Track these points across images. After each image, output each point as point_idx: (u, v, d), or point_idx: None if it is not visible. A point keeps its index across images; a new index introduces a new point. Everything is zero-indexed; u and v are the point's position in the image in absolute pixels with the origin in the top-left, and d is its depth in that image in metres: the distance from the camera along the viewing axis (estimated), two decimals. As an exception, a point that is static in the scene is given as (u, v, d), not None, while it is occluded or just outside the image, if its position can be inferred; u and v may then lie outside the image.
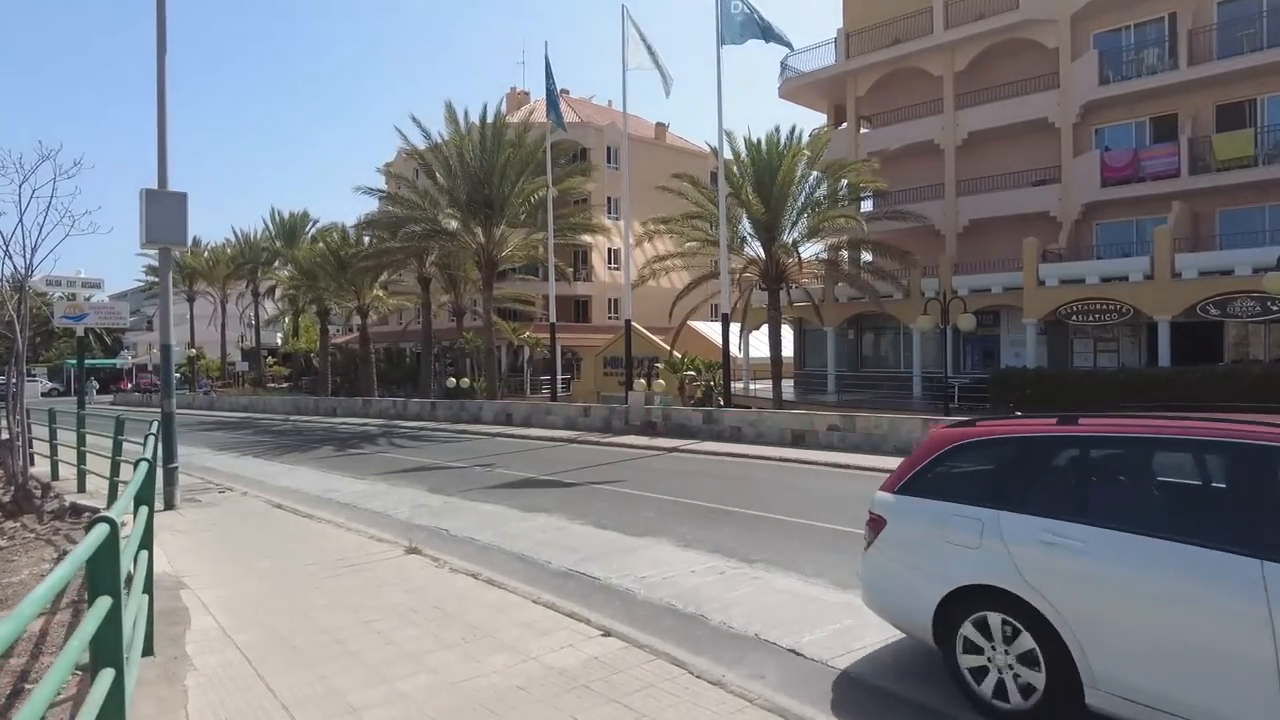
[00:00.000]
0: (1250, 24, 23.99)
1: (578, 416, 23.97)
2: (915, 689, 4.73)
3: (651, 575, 7.34)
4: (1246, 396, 17.27)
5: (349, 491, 13.27)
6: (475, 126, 30.40)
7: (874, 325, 31.81)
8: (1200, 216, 25.02)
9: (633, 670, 4.92)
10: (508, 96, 56.44)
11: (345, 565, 7.89)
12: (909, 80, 30.85)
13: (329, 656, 5.37)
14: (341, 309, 45.30)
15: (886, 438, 15.93)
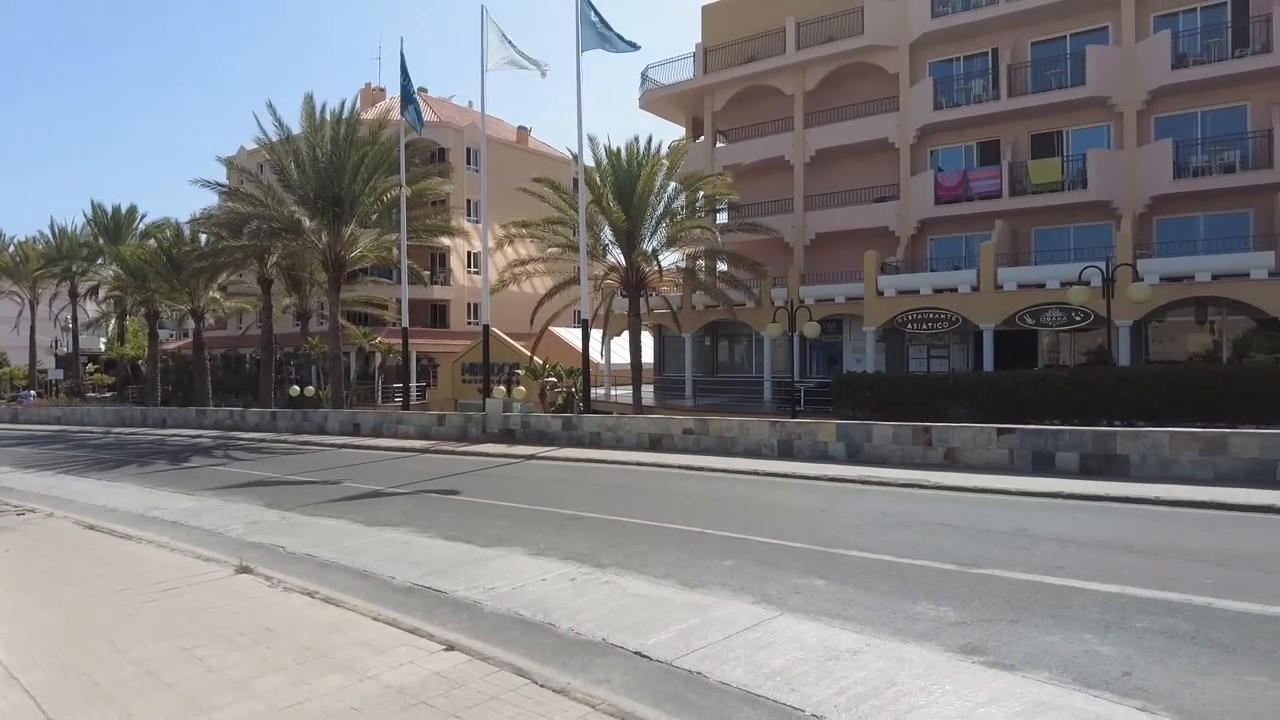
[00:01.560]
0: (1059, 63, 26.58)
1: (432, 425, 23.28)
2: (752, 683, 4.84)
3: (501, 586, 7.18)
4: (1054, 397, 19.04)
5: (176, 509, 12.25)
6: (327, 121, 29.04)
7: (729, 332, 32.83)
8: (1019, 234, 27.42)
9: (475, 684, 4.77)
10: (362, 92, 54.33)
11: (165, 589, 7.26)
12: (763, 97, 32.10)
13: (137, 691, 4.89)
14: (174, 312, 41.94)
15: (737, 440, 16.45)
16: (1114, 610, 6.06)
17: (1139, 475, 12.17)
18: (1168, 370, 20.33)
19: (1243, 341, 23.35)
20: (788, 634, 5.68)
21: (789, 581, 7.06)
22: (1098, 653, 5.21)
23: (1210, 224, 24.64)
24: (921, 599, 6.46)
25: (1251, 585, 6.64)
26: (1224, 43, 24.02)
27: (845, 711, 4.42)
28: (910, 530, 9.06)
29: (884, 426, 14.72)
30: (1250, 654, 5.15)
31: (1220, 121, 24.34)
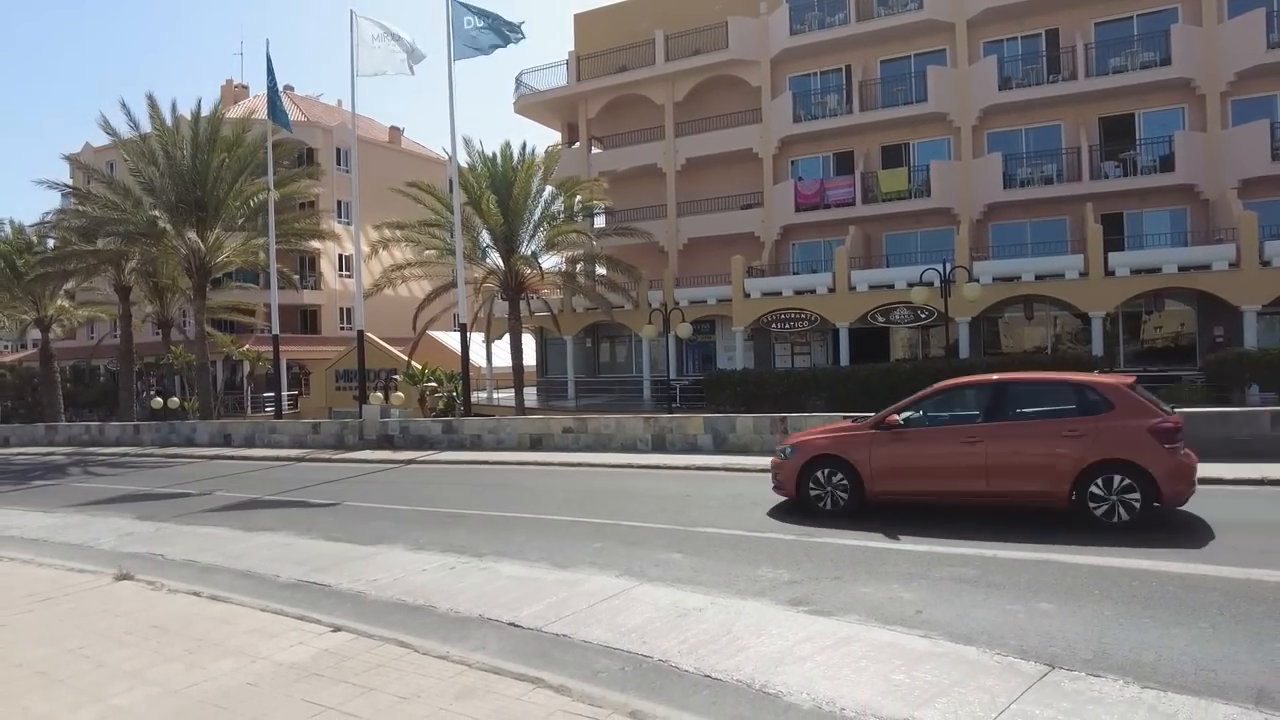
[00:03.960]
0: (904, 81, 28.89)
1: (307, 434, 22.96)
2: (611, 640, 5.60)
3: (383, 578, 7.66)
4: (900, 388, 20.83)
5: (35, 527, 11.88)
6: (186, 121, 27.90)
7: (609, 334, 33.74)
8: (871, 239, 29.60)
9: (362, 656, 5.32)
10: (224, 89, 52.14)
11: (39, 600, 7.33)
12: (635, 106, 33.16)
13: (30, 688, 5.15)
14: (15, 322, 38.90)
15: (614, 436, 17.29)
16: (921, 565, 7.20)
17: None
18: (997, 360, 22.61)
19: (1063, 334, 26.25)
20: (645, 599, 6.49)
21: (651, 557, 7.89)
22: (900, 598, 6.28)
23: (1035, 229, 27.46)
24: (763, 564, 7.43)
25: (1032, 537, 7.97)
26: (1041, 69, 26.89)
27: (686, 656, 5.25)
28: (762, 508, 10.10)
29: (745, 419, 15.92)
30: (1014, 590, 6.35)
31: (1041, 138, 27.21)
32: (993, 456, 8.76)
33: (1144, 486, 8.18)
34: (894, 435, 9.45)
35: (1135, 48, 25.60)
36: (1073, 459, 8.41)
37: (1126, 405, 8.50)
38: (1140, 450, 8.24)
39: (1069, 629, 5.40)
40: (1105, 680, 4.55)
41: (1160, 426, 8.29)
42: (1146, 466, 8.18)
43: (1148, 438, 8.25)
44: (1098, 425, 8.44)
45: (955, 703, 4.36)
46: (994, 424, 8.96)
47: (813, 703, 4.47)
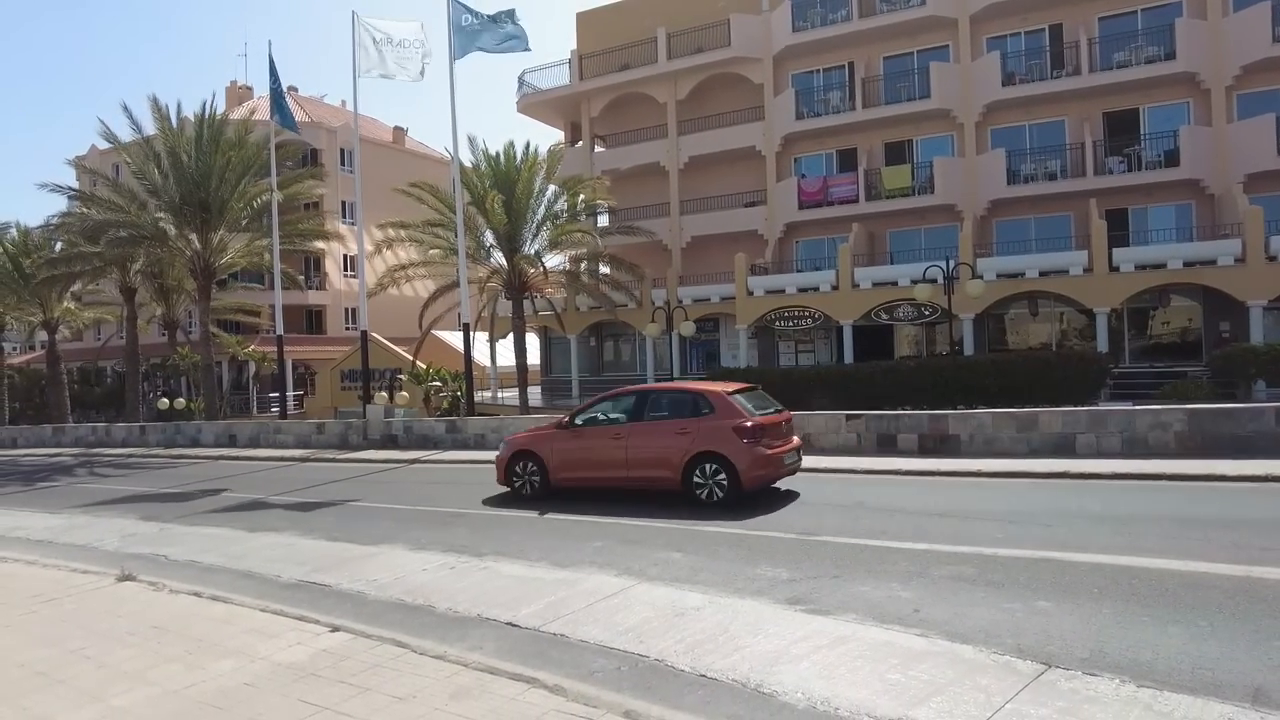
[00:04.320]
0: (907, 78, 28.81)
1: (311, 434, 23.02)
2: (608, 639, 5.61)
3: (383, 578, 7.68)
4: (904, 385, 20.86)
5: (41, 528, 11.96)
6: (191, 122, 27.98)
7: (613, 332, 33.74)
8: (875, 236, 29.54)
9: (360, 656, 5.34)
10: (228, 91, 52.33)
11: (43, 601, 7.38)
12: (638, 104, 33.15)
13: (31, 688, 5.19)
14: (23, 324, 39.10)
15: (617, 436, 17.27)
16: (919, 563, 7.19)
17: (968, 451, 13.75)
18: (1000, 358, 22.58)
19: (1069, 331, 26.17)
20: (643, 599, 6.50)
21: (650, 556, 7.90)
22: (898, 596, 6.28)
23: (1040, 225, 27.36)
24: (762, 563, 7.43)
25: (1030, 536, 7.96)
26: (1044, 64, 26.77)
27: (682, 655, 5.26)
28: (775, 504, 10.10)
29: (748, 417, 15.89)
30: (1013, 588, 6.34)
31: (1044, 134, 27.10)
32: (631, 450, 10.95)
33: (729, 472, 10.15)
34: (571, 434, 11.62)
35: (1139, 42, 25.47)
36: (681, 451, 10.50)
37: (724, 409, 10.55)
38: (726, 444, 10.22)
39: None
40: (1101, 679, 4.54)
41: (741, 425, 10.29)
42: (729, 457, 10.17)
43: (732, 435, 10.22)
44: (700, 425, 10.55)
45: (951, 701, 4.36)
46: (634, 424, 11.15)
47: (808, 702, 4.47)
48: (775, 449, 10.51)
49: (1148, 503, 9.55)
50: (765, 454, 10.29)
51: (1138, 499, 9.83)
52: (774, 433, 10.73)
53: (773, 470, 10.52)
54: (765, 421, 10.62)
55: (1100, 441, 12.89)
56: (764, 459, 10.27)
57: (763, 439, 10.37)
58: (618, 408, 11.67)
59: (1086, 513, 8.98)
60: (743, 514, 9.66)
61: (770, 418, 10.84)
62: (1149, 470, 11.11)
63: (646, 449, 10.84)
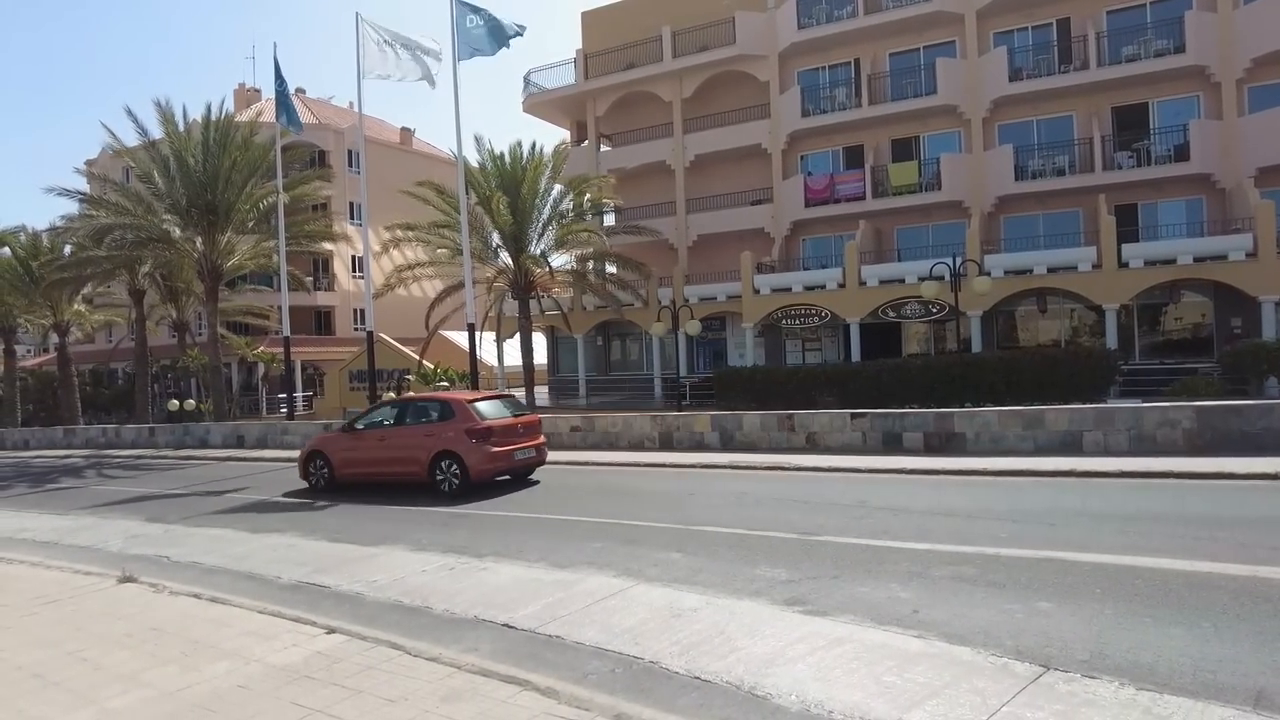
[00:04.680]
0: (914, 74, 28.66)
1: (318, 435, 23.02)
2: (604, 641, 5.58)
3: (382, 579, 7.67)
4: (911, 384, 20.76)
5: (48, 529, 12.03)
6: (198, 125, 28.09)
7: (620, 332, 33.72)
8: (882, 233, 29.41)
9: (354, 658, 5.32)
10: (235, 93, 52.53)
11: (45, 602, 7.40)
12: (643, 103, 33.10)
13: (26, 690, 5.20)
14: (34, 327, 39.41)
15: (621, 434, 17.26)
16: (920, 563, 7.13)
17: (974, 450, 13.65)
18: (1008, 355, 22.44)
19: (1079, 327, 25.96)
20: (641, 600, 6.46)
21: (650, 556, 7.86)
22: (898, 597, 6.22)
23: (1048, 221, 27.17)
24: (761, 563, 7.38)
25: (1034, 536, 7.88)
26: (1052, 59, 26.56)
27: (677, 657, 5.22)
28: (765, 507, 10.06)
29: (752, 416, 15.85)
30: (1014, 588, 6.27)
31: (1052, 129, 26.90)
32: (393, 450, 13.25)
33: (461, 467, 12.30)
34: (351, 436, 13.92)
35: (1148, 35, 25.24)
36: (428, 450, 12.67)
37: (462, 414, 12.69)
38: (459, 444, 12.40)
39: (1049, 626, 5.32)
40: (1101, 681, 4.48)
41: (472, 428, 12.48)
42: (461, 455, 12.34)
43: (464, 436, 12.41)
44: (443, 428, 12.75)
45: (946, 704, 4.30)
46: (397, 428, 13.51)
47: (801, 705, 4.43)
48: (504, 447, 12.68)
49: (1154, 501, 9.45)
50: (492, 452, 12.47)
51: (1144, 498, 9.72)
52: (506, 434, 12.85)
53: (500, 465, 12.68)
54: (496, 425, 12.75)
55: (1107, 439, 12.77)
56: (491, 455, 12.44)
57: (491, 440, 12.52)
58: (386, 414, 14.18)
59: (1091, 512, 8.89)
60: (471, 500, 11.92)
61: (506, 421, 13.02)
62: (1156, 468, 10.99)
63: (404, 449, 13.12)
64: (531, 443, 13.30)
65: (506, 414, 13.28)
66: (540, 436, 13.74)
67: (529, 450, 13.19)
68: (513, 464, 12.88)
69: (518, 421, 13.25)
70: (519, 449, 12.91)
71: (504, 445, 12.64)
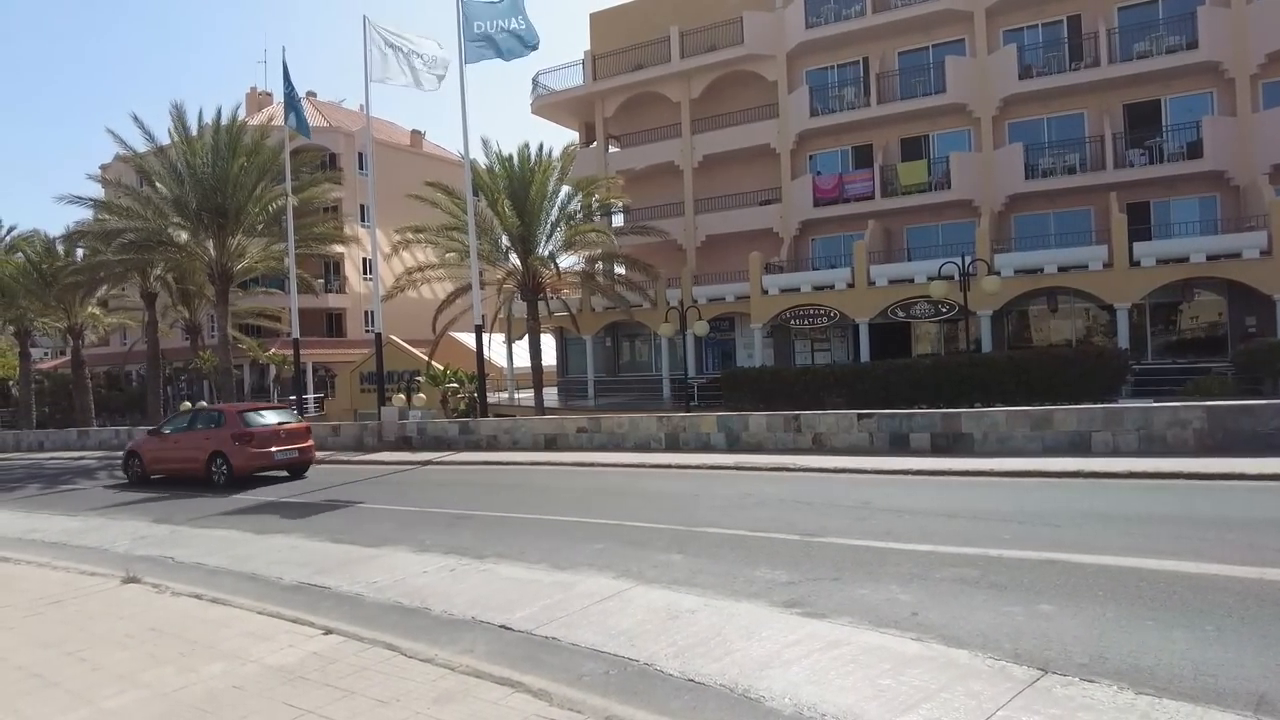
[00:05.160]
0: (923, 72, 28.52)
1: (327, 436, 23.15)
2: (600, 643, 5.56)
3: (383, 580, 7.68)
4: (920, 384, 20.64)
5: (58, 530, 12.13)
6: (208, 129, 28.29)
7: (628, 333, 33.71)
8: (891, 232, 29.27)
9: (349, 659, 5.32)
10: (248, 97, 52.85)
11: (49, 603, 7.45)
12: (652, 104, 33.09)
13: (24, 692, 5.22)
14: (50, 330, 39.81)
15: (628, 435, 17.24)
16: (922, 565, 7.06)
17: (982, 450, 13.55)
18: (1017, 355, 22.28)
19: (1093, 327, 25.74)
20: (639, 601, 6.43)
21: (650, 558, 7.83)
22: (897, 599, 6.16)
23: (1059, 220, 26.99)
24: (762, 565, 7.33)
25: (1038, 537, 7.80)
26: (1062, 56, 26.38)
27: (672, 659, 5.18)
28: (768, 508, 10.01)
29: (759, 417, 15.80)
30: (1016, 590, 6.20)
31: (1063, 127, 26.71)
32: (183, 449, 16.83)
33: (228, 464, 15.82)
34: (158, 439, 17.73)
35: (1160, 31, 25.03)
36: (206, 450, 16.20)
37: (231, 422, 16.39)
38: (226, 446, 15.95)
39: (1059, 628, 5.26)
40: (1099, 685, 4.41)
41: (236, 433, 16.03)
42: (228, 454, 15.85)
43: (230, 440, 15.97)
44: (216, 433, 16.35)
45: (941, 708, 4.26)
46: (188, 432, 17.15)
47: (794, 708, 4.39)
48: (265, 449, 16.10)
49: (1162, 502, 9.35)
50: (253, 452, 15.90)
51: (1152, 499, 9.62)
52: (267, 439, 16.23)
53: (260, 463, 16.08)
54: (258, 431, 16.22)
55: (1116, 440, 12.65)
56: (251, 455, 15.89)
57: (252, 443, 15.96)
58: (183, 422, 18.03)
59: (1097, 513, 8.79)
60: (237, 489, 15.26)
61: (269, 428, 16.46)
62: (1165, 469, 10.87)
63: (191, 449, 16.55)
64: (293, 445, 16.62)
65: (272, 422, 16.75)
66: (306, 441, 17.08)
67: (291, 451, 16.55)
68: (272, 462, 16.29)
69: (281, 428, 16.62)
70: (280, 450, 16.30)
71: (264, 447, 16.07)
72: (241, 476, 15.71)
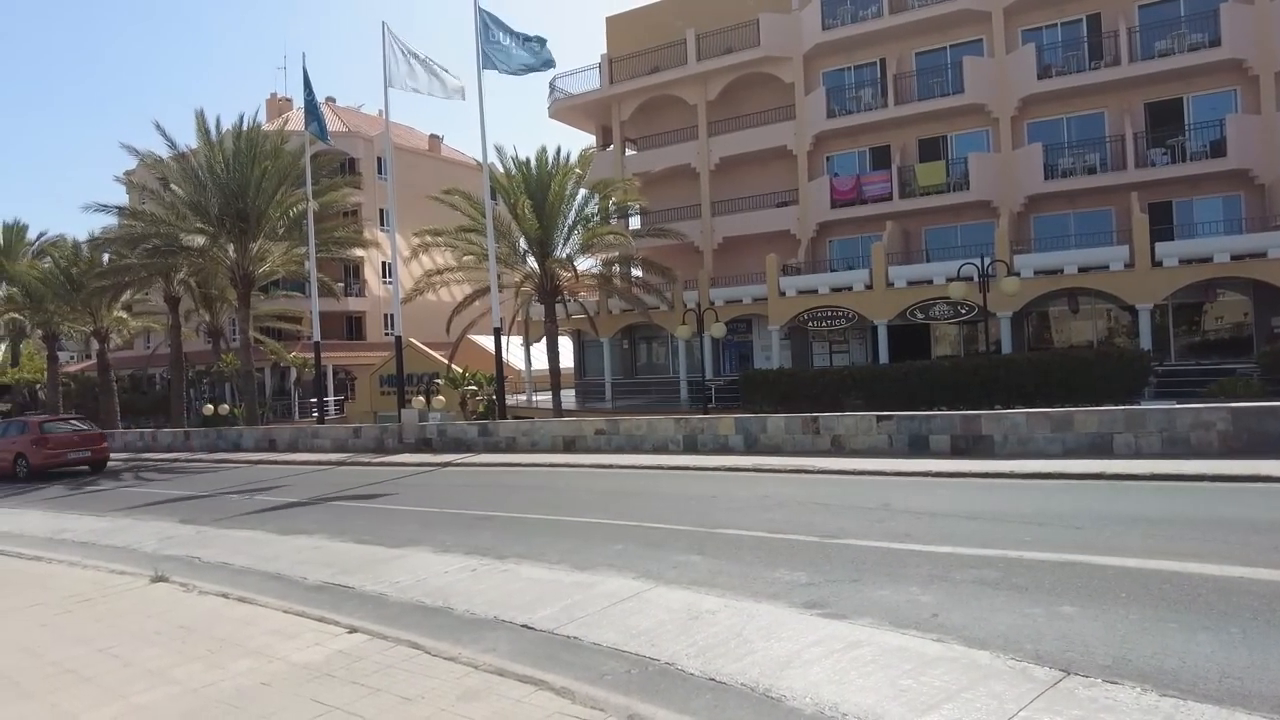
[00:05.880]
0: (940, 73, 28.40)
1: (348, 438, 23.40)
2: (621, 642, 5.60)
3: (405, 580, 7.77)
4: (939, 385, 20.54)
5: (86, 530, 12.35)
6: (229, 135, 28.67)
7: (646, 335, 33.78)
8: (910, 233, 29.15)
9: (374, 657, 5.40)
10: (267, 103, 53.45)
11: (79, 601, 7.60)
12: (668, 106, 33.16)
13: (59, 686, 5.35)
14: (76, 333, 40.44)
15: (645, 438, 17.28)
16: (942, 567, 7.05)
17: (1002, 453, 13.46)
18: (1037, 356, 22.12)
19: (1115, 328, 25.50)
20: (659, 602, 6.47)
21: (670, 559, 7.87)
22: (917, 600, 6.16)
23: (1080, 220, 26.77)
24: (781, 566, 7.35)
25: (1059, 539, 7.76)
26: (1082, 55, 26.17)
27: (693, 659, 5.22)
28: (787, 509, 10.01)
29: (777, 419, 15.78)
30: (1037, 592, 6.18)
31: (1083, 127, 26.50)
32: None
33: (27, 463, 21.23)
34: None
35: (1182, 29, 24.79)
36: (13, 452, 21.72)
37: (31, 429, 21.94)
38: (26, 448, 21.47)
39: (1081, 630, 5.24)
40: (1122, 687, 4.40)
41: (33, 439, 21.54)
42: (26, 455, 21.33)
43: (30, 443, 21.43)
44: (21, 438, 21.86)
45: (962, 708, 4.26)
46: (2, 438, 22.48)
47: (815, 707, 4.41)
48: (58, 450, 21.68)
49: (1186, 505, 9.26)
50: (47, 453, 21.50)
51: (1175, 501, 9.53)
52: (61, 443, 21.86)
53: (53, 461, 21.61)
54: (53, 437, 21.89)
55: (1139, 442, 12.54)
56: (46, 455, 21.48)
57: (47, 446, 21.53)
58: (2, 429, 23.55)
59: (1120, 515, 8.74)
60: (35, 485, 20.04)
61: (62, 435, 22.11)
62: (1189, 471, 10.77)
63: (3, 450, 22.08)
64: (87, 448, 22.26)
65: (68, 430, 22.46)
66: (100, 444, 22.69)
67: (84, 452, 22.18)
68: (65, 461, 21.77)
69: (75, 435, 22.23)
70: (72, 451, 21.95)
71: (58, 449, 21.60)
72: (38, 472, 21.26)
